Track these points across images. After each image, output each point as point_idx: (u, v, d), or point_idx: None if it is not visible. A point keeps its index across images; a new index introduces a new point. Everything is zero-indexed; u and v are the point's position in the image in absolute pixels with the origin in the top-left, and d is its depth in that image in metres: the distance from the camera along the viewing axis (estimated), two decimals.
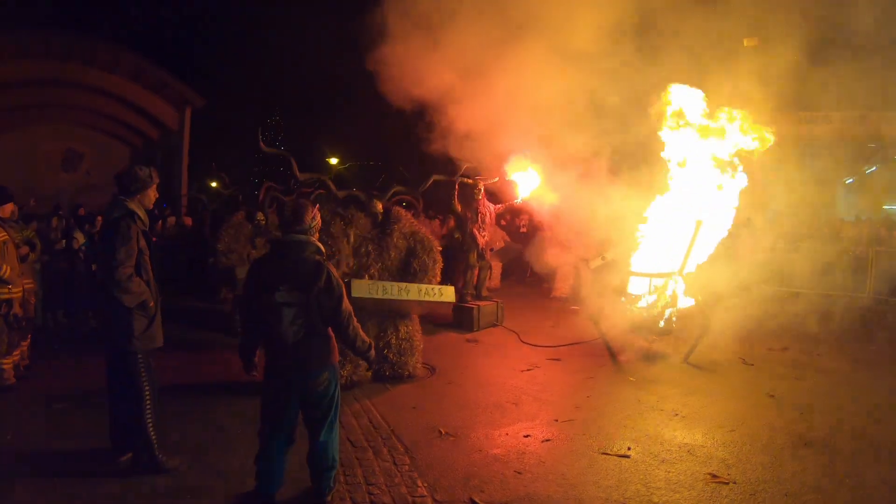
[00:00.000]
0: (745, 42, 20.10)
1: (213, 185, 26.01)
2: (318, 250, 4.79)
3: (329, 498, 4.85)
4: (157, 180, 5.77)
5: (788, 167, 24.57)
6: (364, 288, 7.69)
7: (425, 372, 8.68)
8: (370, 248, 8.41)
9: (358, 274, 8.18)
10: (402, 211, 9.01)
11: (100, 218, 12.01)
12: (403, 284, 8.15)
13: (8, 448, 5.91)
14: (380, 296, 7.82)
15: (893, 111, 20.37)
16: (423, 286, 8.33)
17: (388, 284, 7.99)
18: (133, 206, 5.45)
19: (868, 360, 9.53)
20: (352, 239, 8.33)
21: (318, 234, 4.95)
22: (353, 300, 6.33)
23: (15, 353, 7.67)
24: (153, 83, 23.09)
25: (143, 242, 5.43)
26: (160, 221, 16.85)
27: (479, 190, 12.03)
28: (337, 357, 4.83)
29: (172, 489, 5.10)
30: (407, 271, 8.59)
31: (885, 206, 23.13)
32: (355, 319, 4.84)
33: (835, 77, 17.77)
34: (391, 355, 8.30)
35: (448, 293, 8.50)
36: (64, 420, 6.68)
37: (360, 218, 8.50)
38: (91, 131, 24.57)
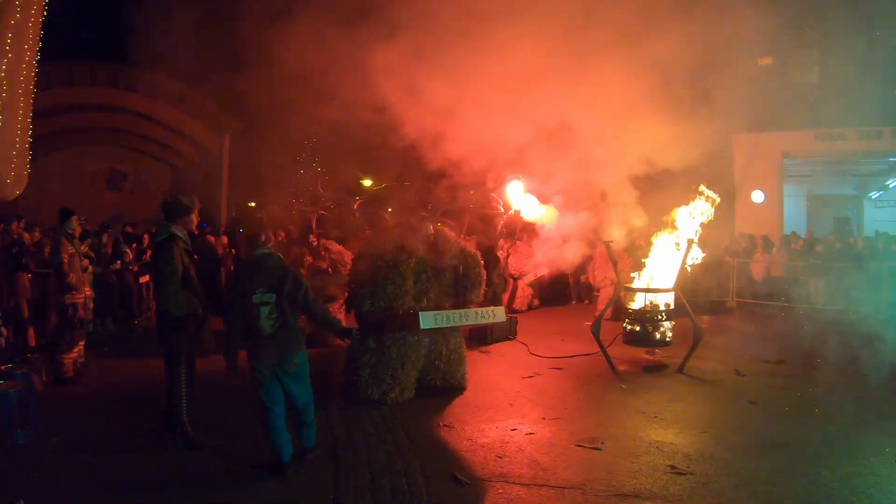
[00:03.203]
0: (760, 62, 20.62)
1: (252, 205, 27.06)
2: (280, 258, 6.21)
3: (311, 455, 6.21)
4: (198, 205, 6.89)
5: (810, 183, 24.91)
6: (431, 320, 8.19)
7: None
8: (429, 273, 8.58)
9: (417, 298, 8.38)
10: (450, 232, 9.49)
11: (146, 236, 13.23)
12: (463, 311, 8.72)
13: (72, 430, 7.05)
14: (444, 325, 8.40)
15: None
16: (479, 310, 9.01)
17: (450, 313, 8.52)
18: (176, 229, 6.58)
19: (863, 374, 9.49)
20: (413, 267, 8.41)
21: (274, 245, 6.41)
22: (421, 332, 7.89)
23: (74, 350, 8.82)
24: (194, 109, 24.12)
25: (186, 260, 6.58)
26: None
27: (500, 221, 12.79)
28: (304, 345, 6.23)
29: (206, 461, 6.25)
30: (459, 288, 8.93)
31: None
32: (321, 302, 6.38)
33: (850, 93, 18.09)
34: (441, 365, 8.63)
35: (500, 313, 9.37)
36: (114, 407, 7.93)
37: (418, 246, 8.61)
38: (134, 153, 25.73)
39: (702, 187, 10.36)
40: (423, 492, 5.53)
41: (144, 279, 13.70)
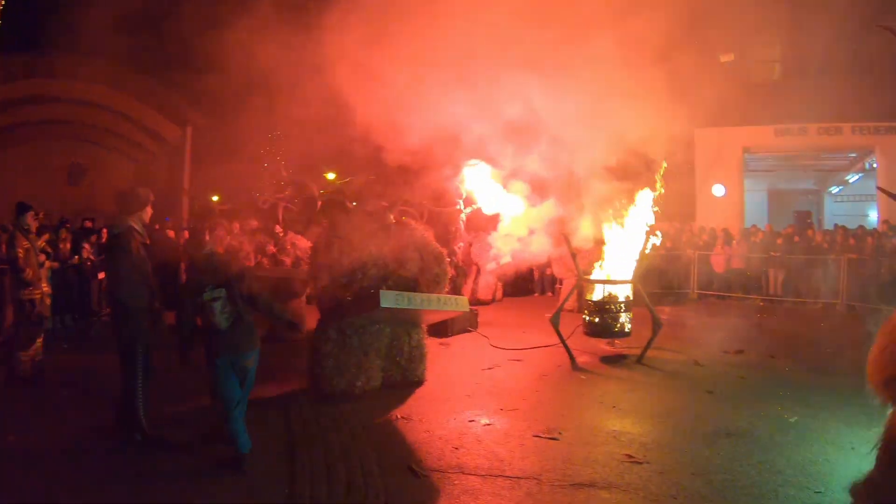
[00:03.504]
0: (722, 58, 20.86)
1: (215, 199, 26.80)
2: (220, 255, 6.68)
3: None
4: (153, 199, 6.80)
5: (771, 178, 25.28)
6: (391, 298, 7.76)
7: None
8: (389, 261, 8.41)
9: (377, 287, 8.11)
10: (412, 222, 9.42)
11: (104, 231, 13.03)
12: (425, 295, 8.41)
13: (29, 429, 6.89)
14: (405, 305, 7.97)
15: (866, 122, 20.94)
16: (442, 296, 8.78)
17: (414, 295, 8.16)
18: (133, 221, 6.48)
19: (820, 363, 9.88)
20: (372, 252, 8.29)
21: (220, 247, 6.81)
22: (379, 311, 7.68)
23: (32, 347, 8.64)
24: (156, 102, 23.87)
25: (143, 253, 6.46)
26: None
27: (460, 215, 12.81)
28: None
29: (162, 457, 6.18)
30: (422, 280, 8.70)
31: (867, 214, 23.72)
32: (266, 295, 6.49)
33: (809, 90, 18.36)
34: (402, 361, 8.50)
35: (463, 302, 9.14)
36: (72, 404, 7.80)
37: (378, 232, 8.50)
38: (96, 146, 25.37)
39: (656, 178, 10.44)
40: (379, 483, 5.49)
41: (102, 275, 13.49)
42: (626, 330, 10.24)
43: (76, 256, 12.99)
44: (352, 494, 5.34)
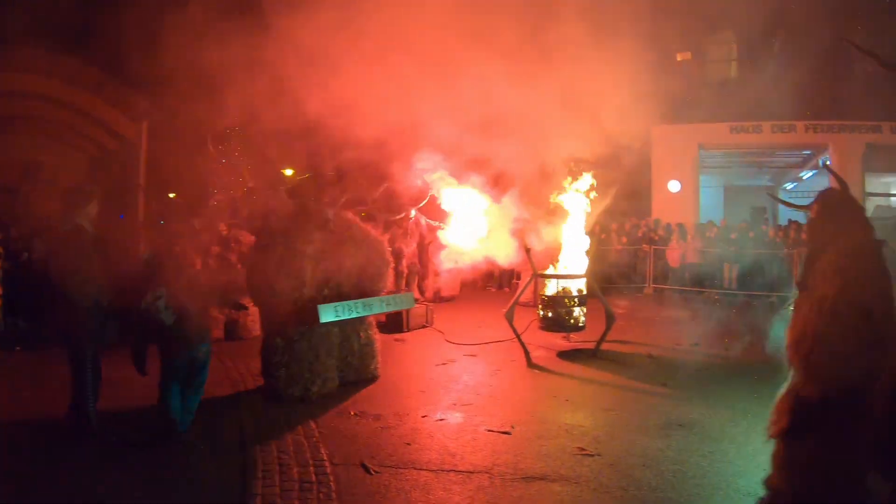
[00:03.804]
0: (679, 56, 21.14)
1: (172, 196, 26.40)
2: (153, 255, 6.84)
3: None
4: (99, 195, 6.65)
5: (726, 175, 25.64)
6: (331, 312, 7.81)
7: None
8: (329, 262, 8.24)
9: (317, 289, 8.07)
10: (352, 216, 9.20)
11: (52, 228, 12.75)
12: (367, 300, 8.39)
13: None
14: (346, 316, 8.04)
15: (820, 120, 21.34)
16: (385, 297, 8.76)
17: (353, 304, 8.14)
18: (79, 219, 6.33)
19: (773, 356, 9.90)
20: (311, 255, 8.04)
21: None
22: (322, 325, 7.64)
23: None
24: (112, 96, 23.46)
25: (89, 250, 6.32)
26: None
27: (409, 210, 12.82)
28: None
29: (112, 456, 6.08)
30: (364, 277, 8.65)
31: None
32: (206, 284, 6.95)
33: (764, 88, 18.62)
34: (354, 361, 8.42)
35: (407, 299, 9.19)
36: (23, 405, 7.57)
37: (315, 231, 8.26)
38: (50, 141, 24.75)
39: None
40: (331, 480, 5.47)
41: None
42: (581, 324, 10.27)
43: (25, 253, 12.66)
44: (304, 492, 5.30)
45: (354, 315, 8.17)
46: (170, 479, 5.59)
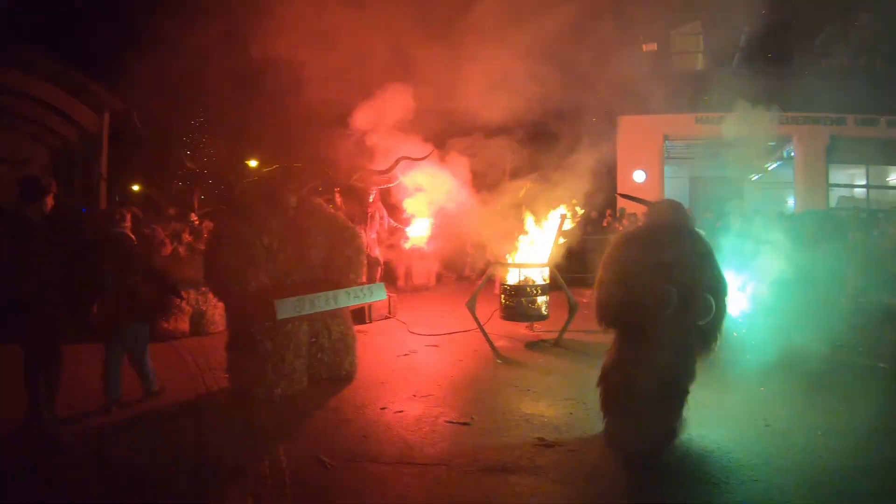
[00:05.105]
0: (644, 47, 21.22)
1: (136, 188, 26.12)
2: (128, 236, 7.32)
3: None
4: (55, 189, 6.48)
5: (692, 165, 25.81)
6: (290, 308, 7.16)
7: None
8: (289, 251, 7.74)
9: (280, 281, 7.58)
10: (317, 201, 8.64)
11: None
12: (332, 293, 7.63)
13: None
14: (308, 311, 7.36)
15: (785, 111, 21.52)
16: (353, 289, 7.95)
17: (315, 297, 7.43)
18: (32, 210, 6.16)
19: (738, 344, 9.33)
20: (266, 244, 7.55)
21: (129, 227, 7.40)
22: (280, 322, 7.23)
23: None
24: (71, 86, 23.05)
25: (43, 244, 6.13)
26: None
27: (371, 193, 12.65)
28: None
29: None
30: (332, 267, 8.13)
31: (788, 201, 24.37)
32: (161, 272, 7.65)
33: (730, 79, 18.74)
34: (325, 357, 7.94)
35: (379, 291, 8.39)
36: None
37: (272, 218, 7.74)
38: (9, 133, 24.35)
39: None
40: (286, 474, 5.35)
41: None
42: (543, 313, 10.19)
43: None
44: (257, 487, 5.18)
45: (317, 310, 7.49)
46: (121, 480, 5.44)
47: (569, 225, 10.32)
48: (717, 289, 5.89)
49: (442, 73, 11.17)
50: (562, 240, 10.18)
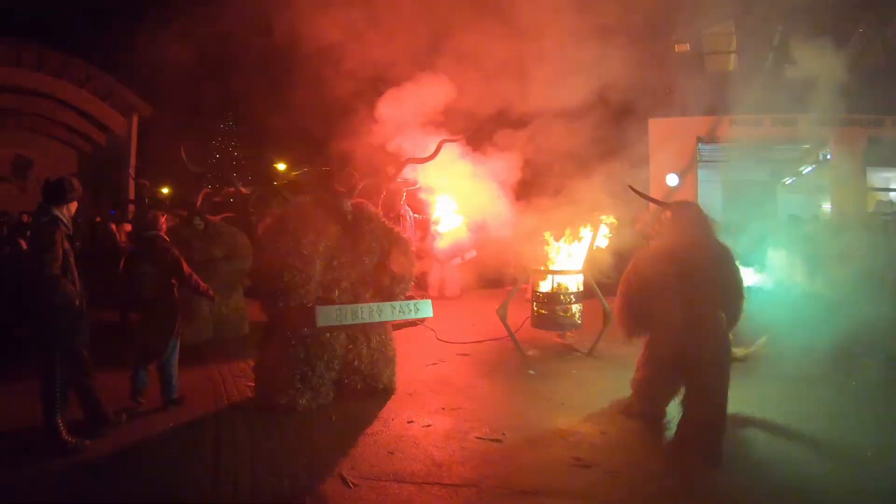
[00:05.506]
0: (677, 48, 20.80)
1: (165, 191, 26.14)
2: (164, 239, 7.35)
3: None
4: (80, 192, 6.30)
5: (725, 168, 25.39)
6: (332, 316, 6.94)
7: None
8: (343, 259, 7.43)
9: (328, 288, 7.29)
10: (374, 208, 8.25)
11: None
12: (376, 305, 7.36)
13: None
14: (350, 321, 7.09)
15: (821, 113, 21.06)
16: (399, 303, 7.60)
17: (358, 308, 7.17)
18: (58, 212, 5.96)
19: (769, 355, 9.34)
20: (321, 252, 7.22)
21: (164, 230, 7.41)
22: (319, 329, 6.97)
23: None
24: (101, 90, 23.19)
25: (67, 245, 5.95)
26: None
27: (402, 195, 12.39)
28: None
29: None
30: (383, 276, 7.77)
31: (822, 205, 23.81)
32: (195, 276, 7.45)
33: (765, 81, 18.35)
34: (362, 367, 7.49)
35: (425, 308, 7.91)
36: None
37: (330, 226, 7.42)
38: (39, 136, 24.47)
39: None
40: (306, 493, 5.07)
41: None
42: (577, 321, 9.87)
43: (6, 247, 12.24)
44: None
45: (360, 321, 7.20)
46: (139, 485, 5.30)
47: (605, 232, 9.97)
48: (739, 293, 6.62)
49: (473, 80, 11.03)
50: (596, 245, 9.85)
